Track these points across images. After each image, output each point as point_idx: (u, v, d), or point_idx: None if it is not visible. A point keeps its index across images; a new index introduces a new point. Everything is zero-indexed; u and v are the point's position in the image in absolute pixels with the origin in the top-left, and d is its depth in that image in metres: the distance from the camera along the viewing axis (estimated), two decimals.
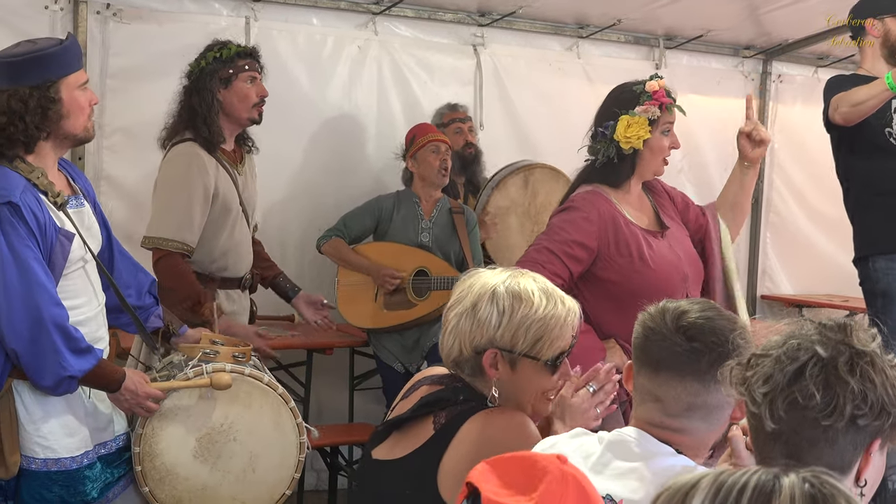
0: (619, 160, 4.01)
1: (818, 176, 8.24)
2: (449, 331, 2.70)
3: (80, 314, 3.58)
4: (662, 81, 4.07)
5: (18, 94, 3.47)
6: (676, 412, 2.36)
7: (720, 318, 2.40)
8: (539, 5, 6.83)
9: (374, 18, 6.70)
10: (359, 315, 6.04)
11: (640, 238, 3.97)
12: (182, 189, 4.65)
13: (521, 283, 2.69)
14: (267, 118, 5.01)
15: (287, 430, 3.92)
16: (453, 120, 6.54)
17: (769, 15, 7.21)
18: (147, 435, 3.72)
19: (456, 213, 6.11)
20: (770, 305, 8.53)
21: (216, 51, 4.82)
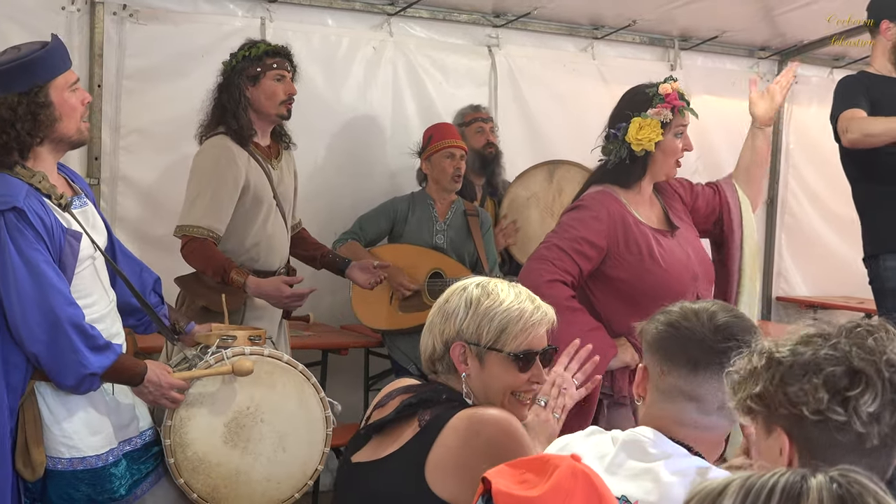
0: (630, 161, 4.03)
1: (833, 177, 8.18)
2: (426, 328, 2.77)
3: (94, 312, 3.60)
4: (676, 84, 4.08)
5: (7, 103, 3.48)
6: (710, 410, 2.38)
7: (744, 317, 2.47)
8: (554, 6, 6.84)
9: (389, 19, 6.71)
10: (374, 316, 6.05)
11: (650, 237, 3.98)
12: (210, 179, 4.74)
13: (493, 282, 2.76)
14: None
15: (312, 406, 3.95)
16: (475, 119, 6.54)
17: (784, 16, 7.21)
18: (176, 426, 3.75)
19: (470, 216, 6.11)
20: (785, 307, 8.52)
21: (246, 49, 4.92)
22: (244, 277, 4.64)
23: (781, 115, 8.28)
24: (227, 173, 4.74)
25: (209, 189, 4.73)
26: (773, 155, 8.32)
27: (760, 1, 6.86)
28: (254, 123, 4.88)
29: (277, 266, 4.99)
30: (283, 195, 5.02)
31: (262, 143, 4.96)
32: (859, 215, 5.38)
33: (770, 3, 6.91)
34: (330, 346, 6.10)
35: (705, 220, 4.32)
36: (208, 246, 4.71)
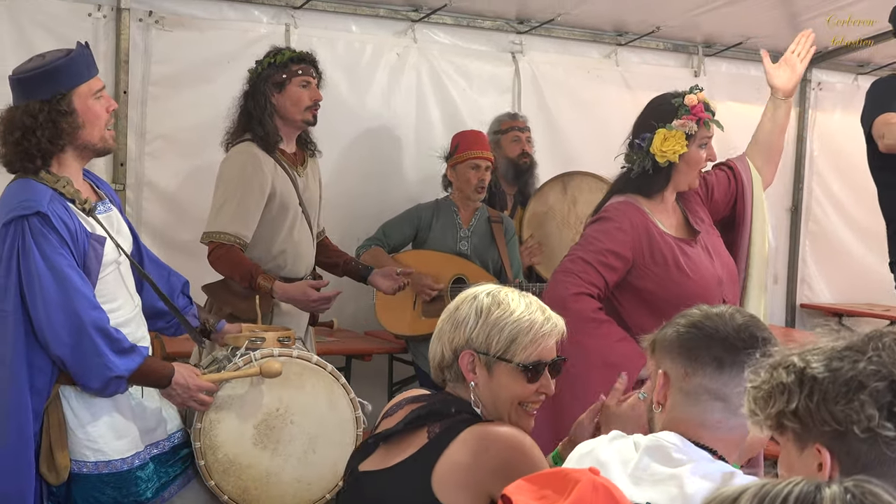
0: (654, 172, 4.00)
1: (857, 184, 8.18)
2: (435, 335, 2.77)
3: (119, 316, 3.61)
4: (702, 95, 4.04)
5: (28, 110, 3.51)
6: (737, 408, 2.36)
7: (758, 319, 2.49)
8: (578, 13, 6.84)
9: (413, 26, 6.72)
10: (397, 322, 6.06)
11: (675, 247, 3.97)
12: (237, 185, 4.77)
13: (504, 291, 2.75)
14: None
15: (342, 407, 3.96)
16: (512, 128, 6.53)
17: (809, 22, 7.16)
18: (205, 429, 3.75)
19: (494, 223, 6.12)
20: (809, 314, 8.49)
21: (272, 56, 4.95)
22: (271, 283, 4.66)
23: (805, 121, 8.26)
24: (253, 180, 4.76)
25: (236, 196, 4.76)
26: (796, 162, 8.31)
27: (785, 7, 6.84)
28: (280, 130, 4.90)
29: (304, 273, 5.01)
30: (309, 202, 5.04)
31: (288, 150, 4.98)
32: (886, 222, 5.35)
33: (794, 9, 6.89)
34: (354, 351, 6.12)
35: (724, 208, 4.30)
36: (235, 252, 4.73)
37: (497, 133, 6.49)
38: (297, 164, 5.00)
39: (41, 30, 5.62)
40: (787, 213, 8.36)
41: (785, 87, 4.38)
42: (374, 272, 5.28)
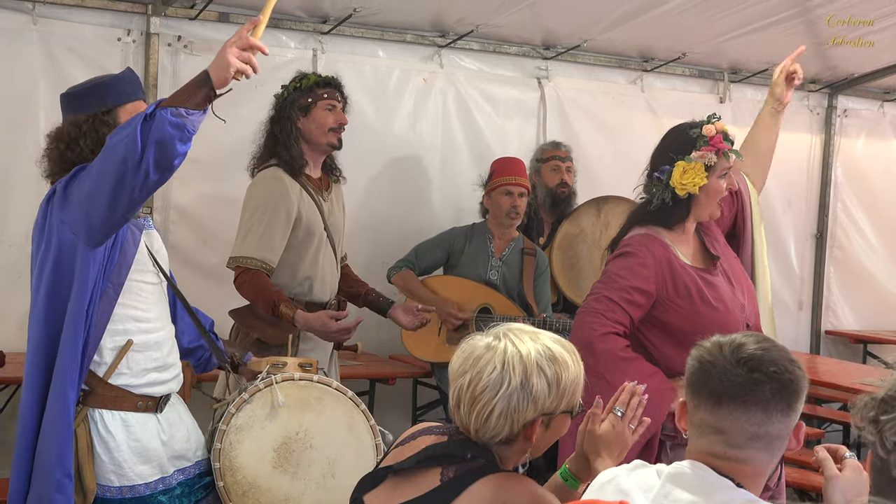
0: (674, 204, 3.97)
1: (881, 210, 8.21)
2: (498, 414, 2.56)
3: (154, 330, 3.61)
4: (720, 124, 3.99)
5: (75, 121, 3.54)
6: (740, 443, 2.37)
7: (775, 349, 2.42)
8: (604, 39, 6.86)
9: (439, 51, 6.76)
10: (422, 348, 6.06)
11: (697, 279, 3.95)
12: (263, 211, 4.79)
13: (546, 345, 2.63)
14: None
15: (361, 432, 3.92)
16: (553, 157, 6.54)
17: (835, 49, 7.19)
18: (225, 449, 3.75)
19: (527, 255, 6.09)
20: (834, 341, 8.47)
21: (297, 81, 4.99)
22: (293, 311, 4.67)
23: (831, 147, 8.26)
24: (279, 205, 4.78)
25: (262, 221, 4.78)
26: (822, 188, 8.31)
27: (810, 34, 6.85)
28: (305, 154, 4.93)
29: (328, 298, 5.02)
30: (334, 227, 5.06)
31: (314, 175, 5.00)
32: None
33: (821, 36, 6.90)
34: (378, 375, 6.14)
35: (727, 224, 4.31)
36: (261, 277, 4.75)
37: (539, 161, 6.51)
38: (322, 189, 5.02)
39: (72, 54, 5.69)
40: (813, 238, 8.36)
41: (787, 101, 4.46)
42: (394, 307, 5.26)
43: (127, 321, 3.53)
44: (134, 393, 3.55)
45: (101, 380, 3.50)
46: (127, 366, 3.53)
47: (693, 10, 6.20)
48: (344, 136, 5.02)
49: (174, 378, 3.70)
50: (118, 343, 3.52)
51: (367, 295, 5.30)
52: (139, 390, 3.56)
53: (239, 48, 3.35)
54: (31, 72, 5.65)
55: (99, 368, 3.50)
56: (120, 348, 3.52)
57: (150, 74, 5.83)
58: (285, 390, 3.84)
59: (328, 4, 6.14)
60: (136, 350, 3.54)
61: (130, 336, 3.54)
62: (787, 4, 6.18)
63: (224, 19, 6.06)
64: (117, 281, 3.49)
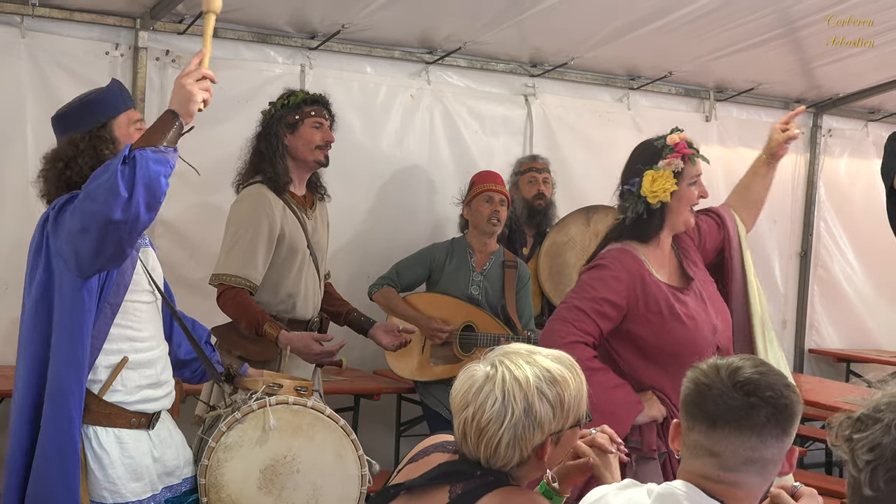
0: (648, 216, 4.03)
1: (861, 229, 8.25)
2: (506, 444, 2.56)
3: (147, 349, 3.62)
4: (683, 134, 4.09)
5: (71, 140, 3.56)
6: (733, 466, 2.38)
7: (772, 374, 2.44)
8: (590, 57, 6.89)
9: (427, 68, 6.78)
10: (405, 366, 6.05)
11: (668, 295, 3.98)
12: (247, 228, 4.79)
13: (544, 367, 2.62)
14: None
15: (349, 461, 3.94)
16: (530, 169, 6.56)
17: (821, 69, 7.24)
18: (212, 466, 3.75)
19: (509, 268, 6.09)
20: (817, 360, 8.49)
21: (285, 98, 5.00)
22: (276, 331, 4.68)
23: (816, 167, 8.29)
24: (263, 223, 4.78)
25: (246, 238, 4.78)
26: (806, 207, 8.34)
27: (797, 53, 6.89)
28: (290, 171, 4.93)
29: (311, 315, 5.02)
30: (317, 245, 5.06)
31: (298, 193, 5.01)
32: None
33: (806, 55, 6.94)
34: (362, 391, 6.14)
35: (711, 255, 4.35)
36: (244, 296, 4.75)
37: (516, 174, 6.54)
38: (306, 207, 5.02)
39: (59, 68, 5.70)
40: (797, 257, 8.39)
41: (783, 154, 4.51)
42: (375, 326, 5.26)
43: (122, 341, 3.54)
44: (128, 410, 3.56)
45: (96, 397, 3.50)
46: (121, 383, 3.54)
47: (679, 29, 6.23)
48: (331, 152, 5.03)
49: (167, 395, 3.71)
50: (112, 361, 3.53)
51: (348, 314, 5.31)
52: (133, 407, 3.57)
53: (195, 79, 3.39)
54: (19, 86, 5.64)
55: (94, 385, 3.50)
56: (114, 366, 3.52)
57: (138, 88, 5.82)
58: (278, 413, 3.85)
59: (316, 20, 6.15)
60: (129, 368, 3.55)
61: (125, 355, 3.54)
62: (772, 25, 6.21)
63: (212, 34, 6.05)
64: (115, 301, 3.50)
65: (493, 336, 5.80)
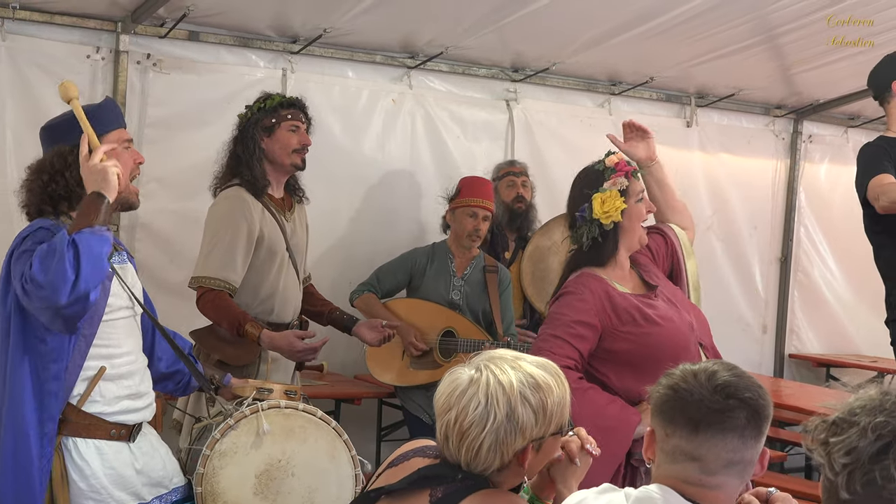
0: (602, 239, 4.04)
1: (841, 235, 8.29)
2: (487, 448, 2.57)
3: (123, 364, 3.59)
4: (619, 154, 4.17)
5: (59, 152, 3.53)
6: (715, 469, 2.40)
7: (746, 376, 2.48)
8: (572, 62, 6.91)
9: (409, 72, 6.78)
10: (385, 371, 6.05)
11: (637, 303, 3.99)
12: (225, 230, 4.77)
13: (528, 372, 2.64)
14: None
15: (342, 462, 3.92)
16: (508, 173, 6.57)
17: (801, 75, 7.27)
18: (208, 474, 3.73)
19: (489, 272, 6.10)
20: (798, 365, 8.52)
21: (261, 101, 4.98)
22: (258, 331, 4.66)
23: (796, 173, 8.33)
24: (242, 225, 4.77)
25: (224, 240, 4.76)
26: (786, 213, 8.37)
27: (777, 60, 6.92)
28: (268, 174, 4.92)
29: (290, 318, 5.01)
30: (296, 247, 5.04)
31: (276, 196, 4.99)
32: (884, 281, 5.38)
33: (787, 62, 6.98)
34: (343, 395, 6.14)
35: (667, 267, 4.36)
36: (224, 298, 4.74)
37: (496, 179, 6.54)
38: (284, 209, 5.00)
39: (40, 71, 5.67)
40: (777, 262, 8.42)
41: (650, 154, 4.45)
42: (358, 323, 5.24)
43: (99, 359, 3.51)
44: (107, 421, 3.53)
45: (75, 408, 3.47)
46: (100, 394, 3.51)
47: (661, 35, 6.25)
48: (312, 156, 5.03)
49: (147, 406, 3.69)
50: (90, 373, 3.50)
51: (331, 313, 5.29)
52: (112, 418, 3.54)
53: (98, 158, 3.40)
54: None
55: (72, 397, 3.47)
56: (91, 377, 3.50)
57: (119, 92, 5.81)
58: (270, 418, 3.83)
59: (298, 24, 6.15)
60: (108, 379, 3.52)
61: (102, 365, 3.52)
62: (753, 31, 6.24)
63: (194, 38, 6.07)
64: (89, 332, 3.47)
65: (473, 342, 5.80)
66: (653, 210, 4.19)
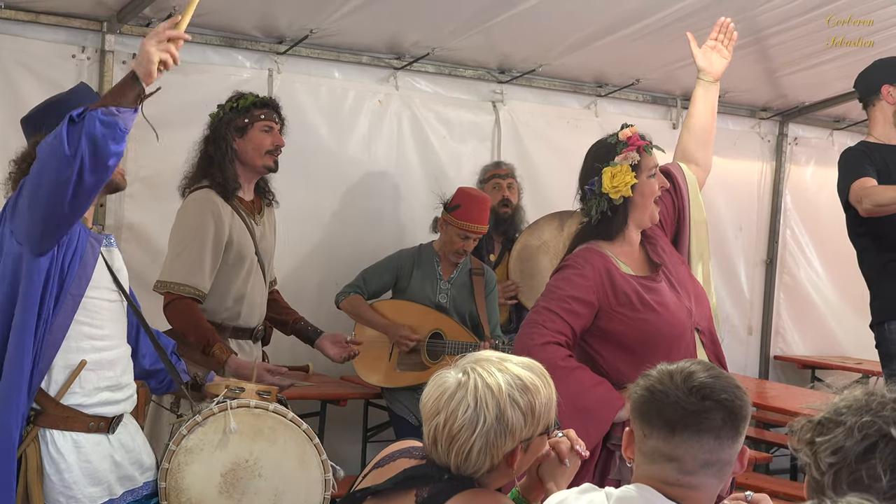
0: (612, 213, 4.03)
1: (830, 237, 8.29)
2: (477, 451, 2.56)
3: (108, 348, 3.59)
4: (634, 128, 4.13)
5: (37, 142, 3.52)
6: (692, 470, 2.40)
7: (723, 377, 2.48)
8: (558, 64, 6.91)
9: (395, 73, 6.78)
10: (372, 372, 6.05)
11: (636, 286, 3.97)
12: (195, 234, 4.70)
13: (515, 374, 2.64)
14: (287, 170, 5.05)
15: (312, 466, 3.89)
16: (494, 176, 6.58)
17: (786, 78, 7.29)
18: (173, 470, 3.72)
19: (476, 275, 6.10)
20: (783, 366, 8.54)
21: (233, 101, 4.92)
22: (226, 355, 4.54)
23: (781, 175, 8.35)
24: (210, 229, 4.68)
25: (194, 245, 4.68)
26: (772, 214, 8.39)
27: (763, 62, 6.93)
28: (239, 176, 4.84)
29: (256, 323, 4.94)
30: (265, 251, 4.97)
31: (246, 198, 4.91)
32: (868, 284, 5.41)
33: (772, 64, 6.99)
34: (329, 396, 6.13)
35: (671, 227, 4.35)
36: (194, 309, 4.64)
37: (482, 182, 6.54)
38: (254, 212, 4.93)
39: (25, 70, 5.65)
40: (763, 264, 8.43)
41: (718, 71, 4.56)
42: (322, 336, 5.12)
43: (81, 339, 3.50)
44: (86, 413, 3.52)
45: (53, 399, 3.47)
46: (79, 384, 3.50)
47: (647, 37, 6.26)
48: (300, 157, 5.02)
49: (127, 398, 3.68)
50: (71, 362, 3.49)
51: (295, 323, 5.20)
52: (91, 410, 3.53)
53: (157, 41, 3.33)
54: None
55: (50, 388, 3.47)
56: (72, 367, 3.49)
57: (105, 91, 5.78)
58: (239, 416, 3.81)
59: (284, 25, 6.14)
60: (88, 369, 3.52)
61: (84, 354, 3.51)
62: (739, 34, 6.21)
63: None
64: (77, 293, 3.47)
65: (461, 343, 5.80)
66: (665, 186, 4.14)
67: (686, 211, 4.34)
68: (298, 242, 6.45)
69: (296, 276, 6.41)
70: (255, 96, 4.97)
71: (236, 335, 4.83)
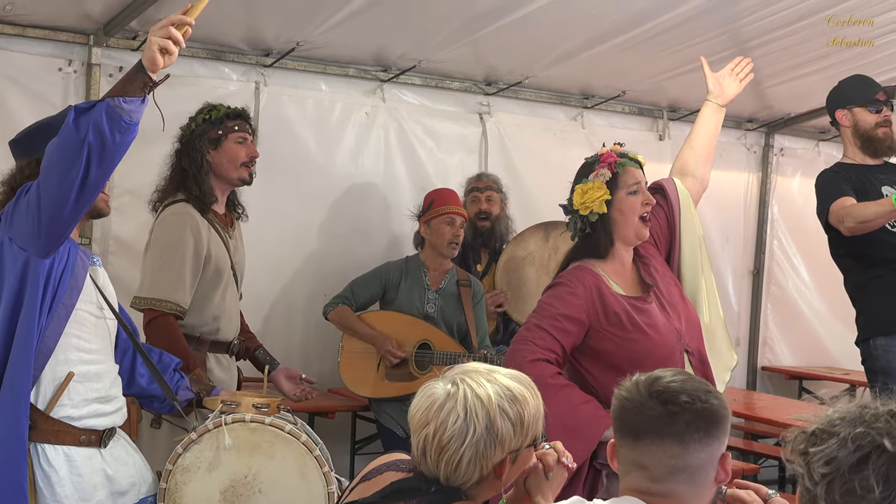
0: (593, 231, 4.04)
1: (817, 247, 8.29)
2: (467, 461, 2.56)
3: (94, 363, 3.58)
4: (617, 147, 4.12)
5: (21, 167, 3.58)
6: (660, 476, 2.40)
7: (692, 380, 2.47)
8: (545, 76, 6.92)
9: (382, 85, 6.79)
10: (360, 383, 6.05)
11: (627, 306, 3.98)
12: (175, 249, 4.63)
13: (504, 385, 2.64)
14: (274, 182, 5.05)
15: (313, 479, 3.81)
16: (473, 188, 6.60)
17: (772, 89, 7.31)
18: (171, 489, 3.68)
19: (463, 286, 6.11)
20: (770, 377, 8.55)
21: (206, 113, 4.87)
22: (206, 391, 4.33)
23: (768, 186, 8.37)
24: (191, 244, 4.62)
25: (175, 261, 4.60)
26: (758, 226, 8.42)
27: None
28: (214, 190, 4.79)
29: (232, 336, 4.90)
30: (239, 265, 4.94)
31: (220, 212, 4.87)
32: (852, 302, 5.44)
33: (758, 76, 6.98)
34: (317, 409, 6.12)
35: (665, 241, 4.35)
36: (175, 330, 4.57)
37: (465, 195, 6.55)
38: (227, 225, 4.89)
39: (11, 83, 5.65)
40: (750, 275, 8.45)
41: (728, 97, 4.59)
42: (277, 369, 5.03)
43: (69, 350, 3.50)
44: (76, 426, 3.52)
45: (42, 413, 3.46)
46: (68, 396, 3.50)
47: (633, 49, 6.27)
48: (287, 170, 5.01)
49: (117, 411, 3.67)
50: (59, 374, 3.49)
51: (255, 351, 5.13)
52: (81, 423, 3.53)
53: (159, 26, 3.32)
54: None
55: (38, 401, 3.46)
56: (61, 381, 3.48)
57: None
58: (235, 432, 3.75)
59: (271, 38, 6.14)
60: (76, 380, 3.52)
61: (72, 366, 3.51)
62: (724, 45, 6.27)
63: None
64: (69, 303, 3.48)
65: (449, 354, 5.81)
66: (651, 203, 4.10)
67: (677, 228, 4.33)
68: (287, 254, 6.45)
69: (284, 287, 6.42)
70: (228, 107, 4.93)
71: (214, 349, 4.78)
